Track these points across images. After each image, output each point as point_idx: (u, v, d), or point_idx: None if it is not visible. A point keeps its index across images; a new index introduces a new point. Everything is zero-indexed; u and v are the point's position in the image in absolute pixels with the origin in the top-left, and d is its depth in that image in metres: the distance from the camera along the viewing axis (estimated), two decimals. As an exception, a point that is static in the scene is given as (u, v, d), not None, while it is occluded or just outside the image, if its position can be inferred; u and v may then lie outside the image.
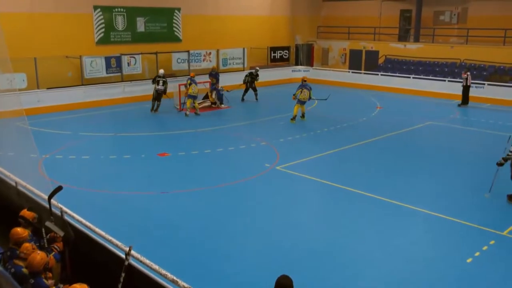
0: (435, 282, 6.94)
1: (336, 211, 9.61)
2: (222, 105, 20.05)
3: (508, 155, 10.12)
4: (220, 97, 20.12)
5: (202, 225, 8.79)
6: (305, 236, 8.45)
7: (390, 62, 26.76)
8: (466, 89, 20.63)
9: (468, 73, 20.74)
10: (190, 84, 18.20)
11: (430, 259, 7.60)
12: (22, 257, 4.85)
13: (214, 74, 21.04)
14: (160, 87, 18.75)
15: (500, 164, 10.26)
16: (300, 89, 16.83)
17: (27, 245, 4.93)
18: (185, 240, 8.20)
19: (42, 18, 19.21)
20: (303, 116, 17.39)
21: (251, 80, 21.43)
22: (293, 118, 17.04)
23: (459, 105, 20.70)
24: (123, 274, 4.55)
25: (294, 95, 16.92)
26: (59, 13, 19.68)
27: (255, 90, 21.40)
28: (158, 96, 18.82)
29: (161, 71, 19.27)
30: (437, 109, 20.18)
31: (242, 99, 21.38)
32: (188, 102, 18.32)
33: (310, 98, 16.95)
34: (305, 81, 17.46)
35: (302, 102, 16.97)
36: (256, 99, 21.36)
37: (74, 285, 4.15)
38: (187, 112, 18.22)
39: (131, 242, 4.80)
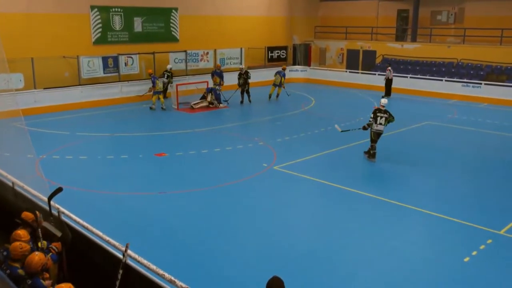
0: (433, 281, 6.96)
1: (333, 211, 9.61)
2: (220, 105, 20.04)
3: (369, 121, 12.79)
4: (217, 97, 20.11)
5: (200, 226, 8.79)
6: (302, 236, 8.46)
7: (388, 62, 26.76)
8: (388, 82, 22.74)
9: (390, 68, 22.86)
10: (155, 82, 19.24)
11: (428, 258, 7.61)
12: (15, 258, 4.83)
13: (218, 73, 21.02)
14: (165, 79, 20.54)
15: (364, 128, 12.95)
16: (276, 75, 21.50)
17: (15, 244, 4.91)
18: (183, 240, 8.19)
19: (39, 18, 19.17)
20: (277, 96, 21.83)
21: (243, 82, 20.96)
22: (269, 96, 21.74)
23: (383, 96, 21.48)
24: (120, 271, 4.55)
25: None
26: (56, 13, 19.64)
27: (248, 92, 21.02)
28: (164, 90, 20.28)
29: (169, 66, 21.21)
30: (435, 109, 20.22)
31: (241, 102, 21.02)
32: (154, 98, 19.34)
33: (281, 84, 21.34)
34: (283, 69, 21.84)
35: (275, 85, 21.58)
36: (249, 100, 21.03)
37: (60, 285, 4.14)
38: (153, 106, 19.32)
39: (128, 242, 4.79)
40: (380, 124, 12.63)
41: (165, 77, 20.52)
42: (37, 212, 5.52)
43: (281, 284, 4.03)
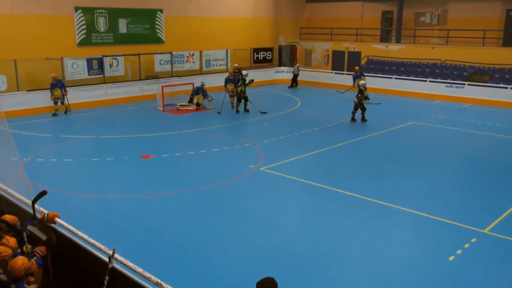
0: (418, 280, 7.02)
1: (320, 212, 9.64)
2: (207, 107, 20.01)
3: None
4: (205, 94, 20.03)
5: (186, 227, 8.76)
6: (288, 237, 8.47)
7: (372, 63, 27.01)
8: (295, 76, 26.52)
9: (298, 64, 26.98)
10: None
11: (413, 257, 7.68)
12: None
13: (232, 80, 19.73)
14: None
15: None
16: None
17: None
18: (169, 242, 8.16)
19: (23, 19, 18.94)
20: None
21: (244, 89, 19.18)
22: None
23: (289, 87, 26.11)
24: (107, 277, 4.52)
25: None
26: (39, 15, 19.43)
27: (246, 99, 19.33)
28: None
29: (244, 71, 20.28)
30: (419, 109, 20.42)
31: (237, 111, 19.32)
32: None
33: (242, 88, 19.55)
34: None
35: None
36: (246, 109, 19.27)
37: None
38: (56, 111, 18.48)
39: (114, 245, 4.76)
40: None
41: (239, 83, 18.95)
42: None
43: (275, 286, 4.01)
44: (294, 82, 26.74)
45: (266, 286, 4.02)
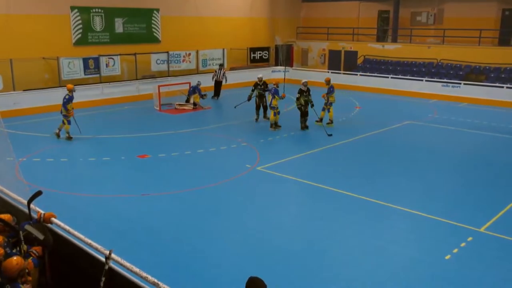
0: (415, 279, 7.04)
1: (317, 211, 9.66)
2: (204, 107, 20.02)
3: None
4: (200, 93, 20.08)
5: (183, 227, 8.75)
6: (286, 236, 8.47)
7: (369, 62, 27.04)
8: (219, 84, 22.36)
9: (224, 69, 22.92)
10: None
11: (409, 256, 7.70)
12: None
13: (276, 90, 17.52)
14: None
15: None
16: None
17: None
18: (166, 242, 8.15)
19: (19, 19, 18.88)
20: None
21: (259, 95, 17.37)
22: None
23: (212, 97, 22.12)
24: (103, 279, 4.51)
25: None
26: (35, 14, 19.37)
27: (266, 108, 17.43)
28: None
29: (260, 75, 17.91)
30: (415, 108, 20.45)
31: (256, 120, 17.42)
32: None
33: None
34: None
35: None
36: (266, 117, 17.46)
37: None
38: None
39: (111, 245, 4.75)
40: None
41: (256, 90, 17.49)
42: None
43: (262, 285, 4.00)
44: (217, 91, 22.32)
45: (256, 285, 4.00)
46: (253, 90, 17.55)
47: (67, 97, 14.70)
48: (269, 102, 16.53)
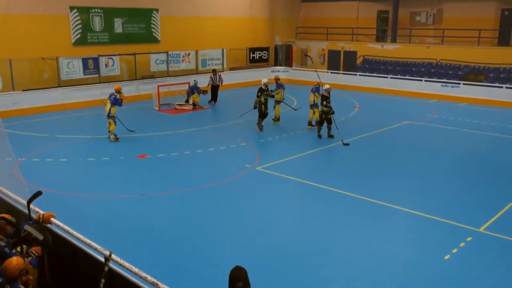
0: (414, 279, 7.04)
1: (316, 211, 9.66)
2: (204, 107, 20.02)
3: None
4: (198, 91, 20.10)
5: (182, 227, 8.75)
6: (285, 236, 8.47)
7: (368, 62, 27.05)
8: (216, 88, 21.29)
9: (219, 72, 21.85)
10: None
11: (409, 256, 7.70)
12: None
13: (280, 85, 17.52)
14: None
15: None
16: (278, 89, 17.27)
17: None
18: (165, 242, 8.15)
19: (18, 19, 18.87)
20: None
21: (265, 101, 16.07)
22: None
23: (209, 101, 21.10)
24: (103, 280, 4.51)
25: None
26: (35, 14, 19.36)
27: (264, 115, 16.18)
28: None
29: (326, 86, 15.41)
30: (415, 108, 20.46)
31: (260, 127, 16.14)
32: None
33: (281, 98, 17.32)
34: (277, 79, 17.77)
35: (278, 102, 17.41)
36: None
37: None
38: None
39: (110, 245, 4.75)
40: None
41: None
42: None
43: (243, 275, 4.08)
44: (214, 95, 21.30)
45: (238, 275, 4.01)
46: (258, 97, 15.96)
47: (118, 97, 14.62)
48: (313, 101, 15.98)
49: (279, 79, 17.76)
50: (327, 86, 15.19)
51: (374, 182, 11.20)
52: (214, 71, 21.59)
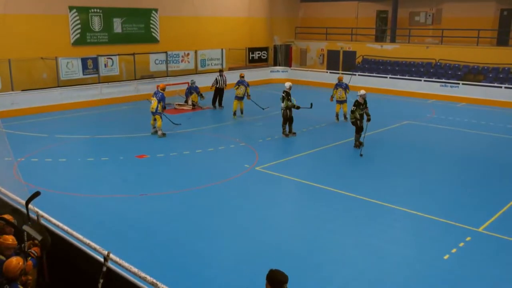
0: (413, 279, 7.04)
1: (314, 211, 9.65)
2: (203, 107, 20.00)
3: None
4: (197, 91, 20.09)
5: (181, 227, 8.75)
6: (283, 236, 8.48)
7: (367, 62, 27.06)
8: (221, 91, 20.06)
9: (224, 73, 20.57)
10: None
11: (408, 256, 7.70)
12: None
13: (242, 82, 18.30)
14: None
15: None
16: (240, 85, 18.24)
17: None
18: (164, 242, 8.14)
19: (17, 19, 18.86)
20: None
21: (292, 105, 15.16)
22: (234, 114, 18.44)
23: (213, 105, 20.09)
24: (101, 280, 4.51)
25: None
26: (33, 14, 19.35)
27: (292, 122, 15.40)
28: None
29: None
30: (414, 108, 20.47)
31: (286, 134, 15.35)
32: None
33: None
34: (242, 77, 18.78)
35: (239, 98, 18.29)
36: (292, 131, 15.47)
37: None
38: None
39: (109, 245, 4.75)
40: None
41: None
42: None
43: (286, 280, 3.98)
44: (220, 99, 20.17)
45: (278, 278, 3.99)
46: (289, 100, 15.10)
47: (163, 95, 15.21)
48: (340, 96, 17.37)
49: (242, 76, 18.93)
50: (362, 92, 14.07)
51: (373, 182, 11.20)
52: (220, 71, 20.67)
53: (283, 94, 15.12)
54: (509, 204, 9.81)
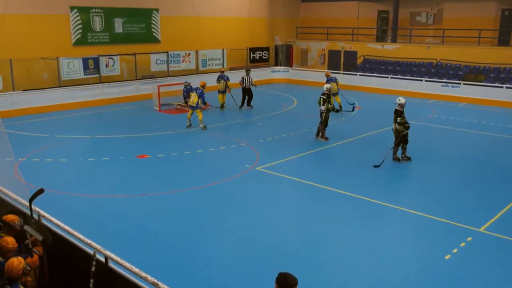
0: (414, 279, 7.04)
1: (315, 211, 9.66)
2: (203, 106, 19.99)
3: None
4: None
5: (182, 227, 8.75)
6: (284, 236, 8.48)
7: (368, 62, 27.05)
8: (248, 91, 19.95)
9: (251, 73, 20.35)
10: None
11: (409, 256, 7.70)
12: None
13: (224, 76, 19.78)
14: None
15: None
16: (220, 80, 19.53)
17: None
18: (164, 242, 8.15)
19: (18, 19, 18.89)
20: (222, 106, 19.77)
21: (332, 108, 14.76)
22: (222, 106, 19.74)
23: (241, 107, 19.89)
24: (92, 280, 4.52)
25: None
26: (35, 14, 19.38)
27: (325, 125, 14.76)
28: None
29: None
30: (415, 108, 20.42)
31: (322, 136, 14.80)
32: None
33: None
34: (222, 72, 20.06)
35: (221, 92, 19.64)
36: (324, 137, 14.78)
37: None
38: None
39: (110, 246, 4.76)
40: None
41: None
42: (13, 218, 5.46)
43: (296, 282, 4.01)
44: (249, 99, 20.07)
45: (288, 281, 3.99)
46: (330, 103, 14.57)
47: (203, 91, 16.31)
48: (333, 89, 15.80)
49: (223, 72, 20.43)
50: (402, 100, 12.65)
51: (373, 182, 11.20)
52: (247, 71, 20.30)
53: (324, 97, 14.44)
54: (510, 204, 9.80)
